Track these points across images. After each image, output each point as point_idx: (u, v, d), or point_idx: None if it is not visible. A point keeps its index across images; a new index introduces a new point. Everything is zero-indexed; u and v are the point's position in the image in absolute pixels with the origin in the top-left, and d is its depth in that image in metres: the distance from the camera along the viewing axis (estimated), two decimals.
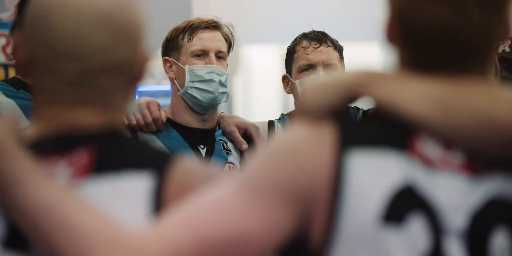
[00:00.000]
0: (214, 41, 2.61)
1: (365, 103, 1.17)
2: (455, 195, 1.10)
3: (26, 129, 1.23)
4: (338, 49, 2.77)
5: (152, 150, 1.23)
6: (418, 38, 1.14)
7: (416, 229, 1.08)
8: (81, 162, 1.18)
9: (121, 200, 1.16)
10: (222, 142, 2.65)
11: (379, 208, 1.08)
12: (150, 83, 5.36)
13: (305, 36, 2.77)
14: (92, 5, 1.21)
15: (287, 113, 2.88)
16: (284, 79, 2.82)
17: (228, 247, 1.10)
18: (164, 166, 1.19)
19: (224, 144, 2.65)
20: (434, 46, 1.14)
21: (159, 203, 1.17)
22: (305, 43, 2.74)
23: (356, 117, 2.71)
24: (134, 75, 1.25)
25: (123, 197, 1.16)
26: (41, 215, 1.10)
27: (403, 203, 1.09)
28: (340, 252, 1.09)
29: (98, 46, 1.20)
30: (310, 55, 2.72)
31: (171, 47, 2.62)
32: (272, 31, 6.65)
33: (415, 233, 1.08)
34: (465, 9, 1.12)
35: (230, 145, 2.67)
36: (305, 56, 2.73)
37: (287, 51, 2.81)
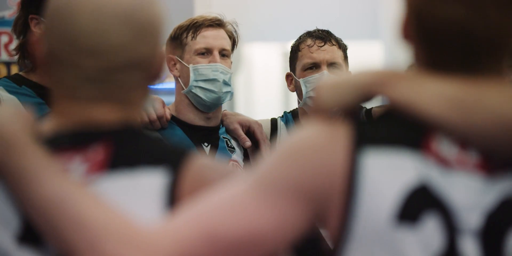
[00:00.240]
0: (218, 39, 2.61)
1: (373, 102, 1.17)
2: (470, 194, 1.09)
3: (43, 124, 1.23)
4: (342, 48, 2.77)
5: (167, 146, 1.24)
6: (435, 36, 1.14)
7: (430, 228, 1.08)
8: (96, 158, 1.19)
9: (135, 196, 1.17)
10: (226, 139, 2.66)
11: (393, 208, 1.08)
12: None
13: (310, 34, 2.77)
14: (113, 2, 1.21)
15: (289, 111, 2.88)
16: (288, 77, 2.82)
17: (238, 245, 1.10)
18: (179, 162, 1.19)
19: (228, 142, 2.66)
20: (451, 44, 1.13)
21: (173, 199, 1.17)
22: (309, 41, 2.74)
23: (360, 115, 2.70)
24: (152, 73, 1.25)
25: (137, 193, 1.17)
26: (53, 209, 1.10)
27: (418, 203, 1.08)
28: (354, 250, 1.09)
29: (119, 43, 1.21)
30: (315, 54, 2.73)
31: (175, 45, 2.62)
32: (274, 29, 6.65)
33: (429, 232, 1.08)
34: (482, 8, 1.11)
35: (233, 142, 2.67)
36: (309, 54, 2.73)
37: (291, 49, 2.81)
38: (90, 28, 1.20)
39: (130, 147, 1.21)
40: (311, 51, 2.73)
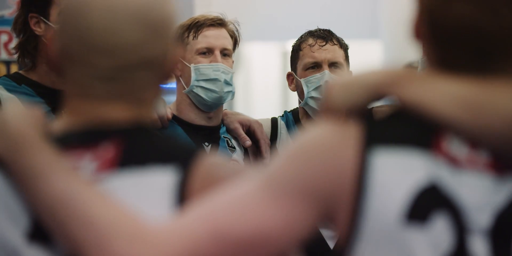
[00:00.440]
0: (219, 38, 2.61)
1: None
2: (480, 194, 1.09)
3: (55, 122, 1.23)
4: (343, 47, 2.77)
5: (177, 144, 1.24)
6: (447, 36, 1.13)
7: (440, 228, 1.08)
8: (106, 156, 1.19)
9: (145, 194, 1.17)
10: (227, 139, 2.66)
11: (403, 207, 1.08)
12: None
13: (311, 33, 2.77)
14: (127, 0, 1.21)
15: (290, 110, 2.87)
16: (289, 76, 2.82)
17: (246, 244, 1.10)
18: (189, 161, 1.19)
19: (229, 142, 2.66)
20: (463, 44, 1.13)
21: (183, 197, 1.17)
22: (311, 40, 2.74)
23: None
24: (164, 72, 1.25)
25: (147, 191, 1.17)
26: (62, 207, 1.11)
27: (427, 202, 1.08)
28: (363, 250, 1.09)
29: (132, 41, 1.21)
30: (316, 53, 2.72)
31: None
32: (273, 28, 6.65)
33: (438, 232, 1.08)
34: (495, 7, 1.11)
35: (234, 142, 2.67)
36: (310, 54, 2.73)
37: (292, 48, 2.81)
38: (103, 27, 1.20)
39: (140, 145, 1.21)
40: (312, 51, 2.72)
